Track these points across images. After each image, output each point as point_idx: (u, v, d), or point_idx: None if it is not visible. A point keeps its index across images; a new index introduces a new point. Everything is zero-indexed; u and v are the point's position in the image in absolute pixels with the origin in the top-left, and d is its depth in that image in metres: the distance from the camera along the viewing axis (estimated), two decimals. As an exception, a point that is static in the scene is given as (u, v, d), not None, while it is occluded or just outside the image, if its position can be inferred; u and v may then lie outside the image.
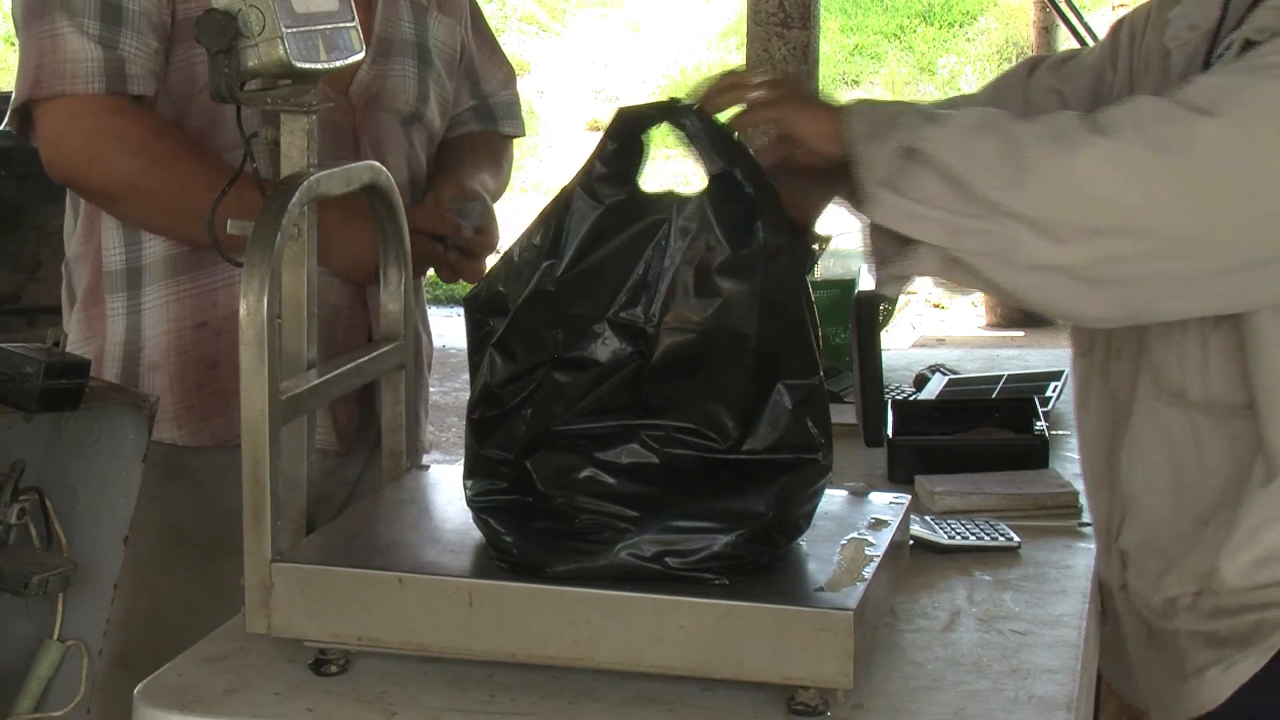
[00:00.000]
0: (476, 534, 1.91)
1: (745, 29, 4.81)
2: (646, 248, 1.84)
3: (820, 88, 1.88)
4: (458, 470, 2.23)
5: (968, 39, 15.01)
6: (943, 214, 1.75)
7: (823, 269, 3.27)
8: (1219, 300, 1.78)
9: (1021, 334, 8.93)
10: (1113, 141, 1.71)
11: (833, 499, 2.01)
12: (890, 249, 1.83)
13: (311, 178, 1.95)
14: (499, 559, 1.86)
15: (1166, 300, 1.76)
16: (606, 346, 1.84)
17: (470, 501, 1.89)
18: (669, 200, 1.85)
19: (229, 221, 2.12)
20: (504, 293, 1.89)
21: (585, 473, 1.82)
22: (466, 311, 1.91)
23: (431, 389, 2.83)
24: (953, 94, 14.57)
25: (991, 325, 9.58)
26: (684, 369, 1.83)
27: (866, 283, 2.50)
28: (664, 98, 1.95)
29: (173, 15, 2.40)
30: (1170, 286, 1.74)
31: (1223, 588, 1.94)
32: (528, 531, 1.84)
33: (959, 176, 1.74)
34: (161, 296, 2.46)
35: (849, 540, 1.94)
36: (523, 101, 2.88)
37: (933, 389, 3.09)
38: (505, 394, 1.86)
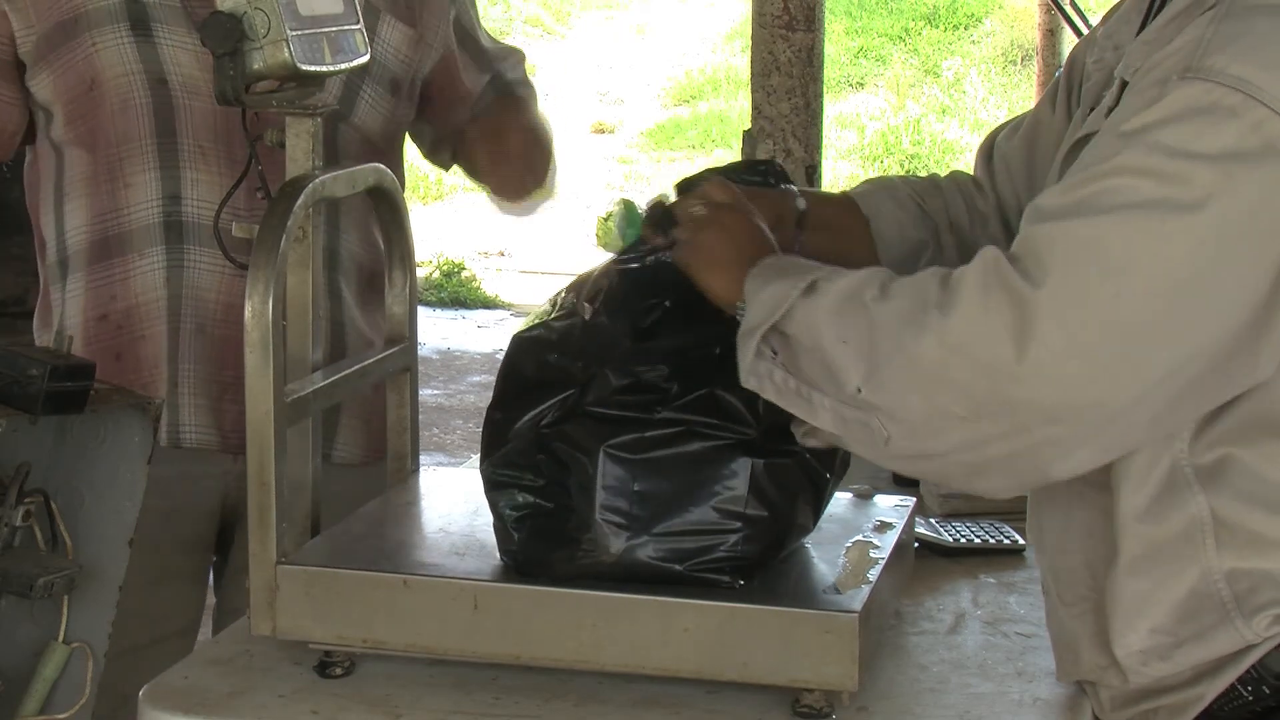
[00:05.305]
0: (482, 536, 1.91)
1: (750, 31, 4.82)
2: None
3: (752, 218, 1.77)
4: (462, 473, 2.23)
5: (973, 41, 15.00)
6: (832, 401, 1.70)
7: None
8: (1117, 446, 1.69)
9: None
10: (954, 321, 1.62)
11: (838, 501, 2.01)
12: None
13: (317, 180, 1.95)
14: (505, 557, 1.86)
15: (1060, 463, 1.66)
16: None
17: (487, 478, 1.88)
18: None
19: (234, 225, 2.13)
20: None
21: (598, 463, 1.82)
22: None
23: (437, 391, 2.84)
24: (957, 96, 14.35)
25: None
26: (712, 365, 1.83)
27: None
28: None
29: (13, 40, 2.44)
30: (1058, 452, 1.65)
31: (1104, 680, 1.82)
32: (535, 530, 1.84)
33: (830, 363, 1.69)
34: (78, 288, 2.48)
35: (854, 543, 1.94)
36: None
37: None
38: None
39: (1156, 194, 1.59)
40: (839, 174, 12.13)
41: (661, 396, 1.82)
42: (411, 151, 2.77)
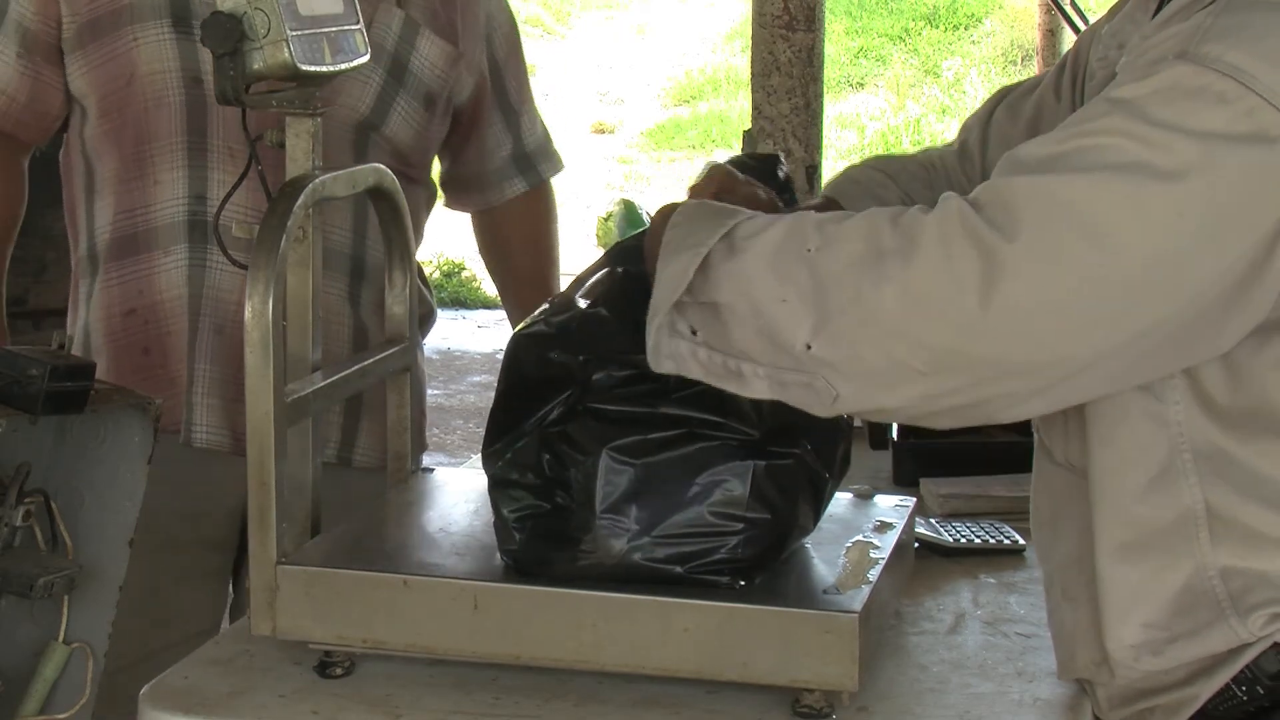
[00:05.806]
0: (482, 536, 1.91)
1: (750, 31, 4.82)
2: None
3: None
4: (462, 473, 2.23)
5: (973, 41, 15.01)
6: (766, 369, 1.67)
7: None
8: (1068, 398, 1.69)
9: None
10: (915, 270, 1.59)
11: (838, 501, 2.01)
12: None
13: (317, 180, 1.95)
14: (505, 557, 1.86)
15: (1010, 411, 1.67)
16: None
17: (490, 477, 1.88)
18: None
19: (234, 224, 2.13)
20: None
21: (599, 465, 1.82)
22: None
23: (437, 391, 2.85)
24: (957, 96, 14.32)
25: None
26: None
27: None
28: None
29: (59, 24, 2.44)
30: (1010, 402, 1.65)
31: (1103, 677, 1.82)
32: (536, 530, 1.84)
33: (770, 326, 1.65)
34: (103, 282, 2.48)
35: (854, 543, 1.94)
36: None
37: (938, 391, 3.07)
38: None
39: (1138, 158, 1.58)
40: (839, 174, 12.12)
41: (663, 386, 1.82)
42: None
